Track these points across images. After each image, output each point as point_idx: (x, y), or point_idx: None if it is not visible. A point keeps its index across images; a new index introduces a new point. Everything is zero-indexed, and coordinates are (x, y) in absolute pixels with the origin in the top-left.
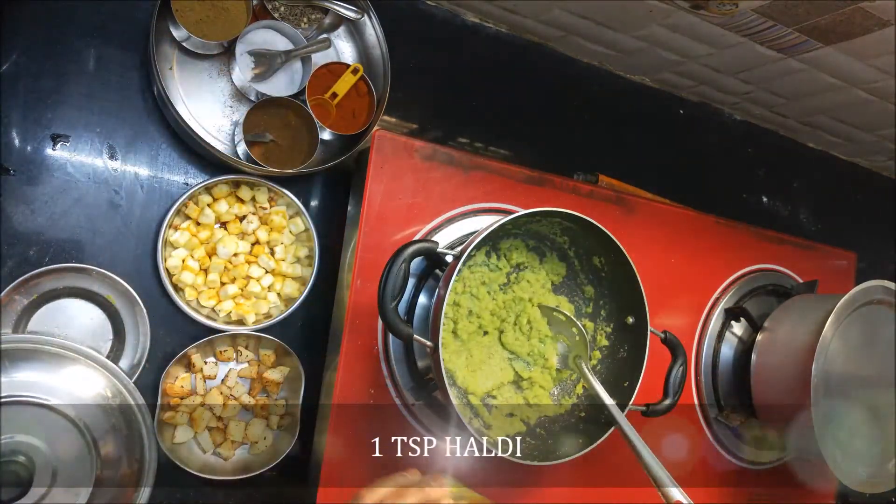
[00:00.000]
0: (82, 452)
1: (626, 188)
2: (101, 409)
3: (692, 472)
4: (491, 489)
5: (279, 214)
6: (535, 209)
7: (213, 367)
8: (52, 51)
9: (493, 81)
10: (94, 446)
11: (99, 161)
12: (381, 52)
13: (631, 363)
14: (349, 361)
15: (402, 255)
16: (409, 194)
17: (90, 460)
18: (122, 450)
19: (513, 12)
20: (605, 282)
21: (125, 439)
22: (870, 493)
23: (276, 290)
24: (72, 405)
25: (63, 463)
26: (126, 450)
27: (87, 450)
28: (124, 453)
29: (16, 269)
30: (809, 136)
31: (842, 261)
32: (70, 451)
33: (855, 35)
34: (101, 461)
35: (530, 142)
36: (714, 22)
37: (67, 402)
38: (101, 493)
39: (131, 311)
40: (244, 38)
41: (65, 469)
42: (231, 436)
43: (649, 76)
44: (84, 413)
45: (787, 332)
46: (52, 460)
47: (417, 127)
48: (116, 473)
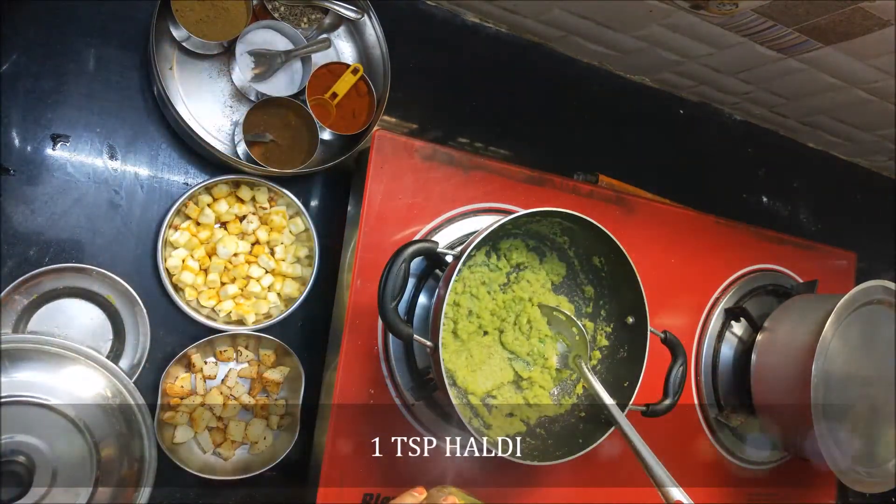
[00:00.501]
0: (82, 452)
1: (626, 188)
2: (101, 410)
3: (692, 472)
4: (491, 489)
5: (279, 214)
6: (535, 209)
7: (213, 367)
8: (52, 51)
9: (493, 81)
10: (94, 446)
11: (99, 161)
12: (381, 52)
13: (631, 363)
14: (349, 361)
15: (402, 256)
16: (409, 194)
17: (90, 460)
18: (122, 450)
19: (513, 12)
20: (605, 282)
21: (125, 439)
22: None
23: (276, 290)
24: (72, 405)
25: (63, 463)
26: (126, 450)
27: (87, 450)
28: (124, 453)
29: (16, 269)
30: (809, 136)
31: (842, 261)
32: (70, 451)
33: (855, 35)
34: (101, 461)
35: (530, 142)
36: (714, 22)
37: (67, 402)
38: (101, 493)
39: (131, 311)
40: (244, 38)
41: (65, 469)
42: (231, 436)
43: (649, 76)
44: (84, 413)
45: (787, 332)
46: (52, 460)
47: (417, 127)
48: (116, 473)
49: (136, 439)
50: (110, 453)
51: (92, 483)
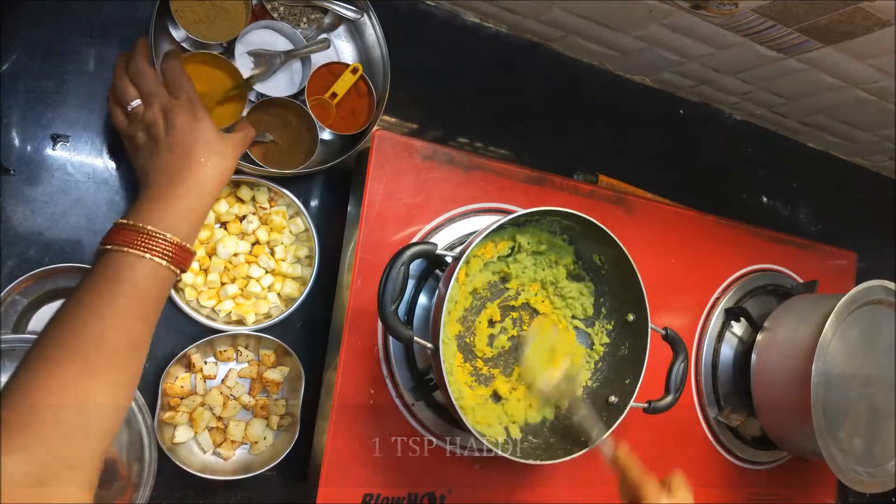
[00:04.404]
0: None
1: (626, 188)
2: None
3: (692, 472)
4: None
5: (279, 214)
6: (535, 209)
7: (213, 367)
8: (52, 51)
9: (493, 81)
10: None
11: (99, 161)
12: (381, 52)
13: (632, 360)
14: (349, 361)
15: (402, 258)
16: (409, 194)
17: None
18: (122, 450)
19: (513, 12)
20: (605, 279)
21: (125, 439)
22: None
23: (276, 290)
24: None
25: None
26: (126, 450)
27: None
28: (124, 453)
29: (16, 269)
30: (809, 136)
31: (842, 261)
32: None
33: (855, 35)
34: None
35: (530, 142)
36: (714, 22)
37: None
38: (100, 493)
39: None
40: (243, 39)
41: None
42: (231, 436)
43: (649, 76)
44: None
45: (787, 332)
46: None
47: (417, 127)
48: (116, 473)
49: (136, 439)
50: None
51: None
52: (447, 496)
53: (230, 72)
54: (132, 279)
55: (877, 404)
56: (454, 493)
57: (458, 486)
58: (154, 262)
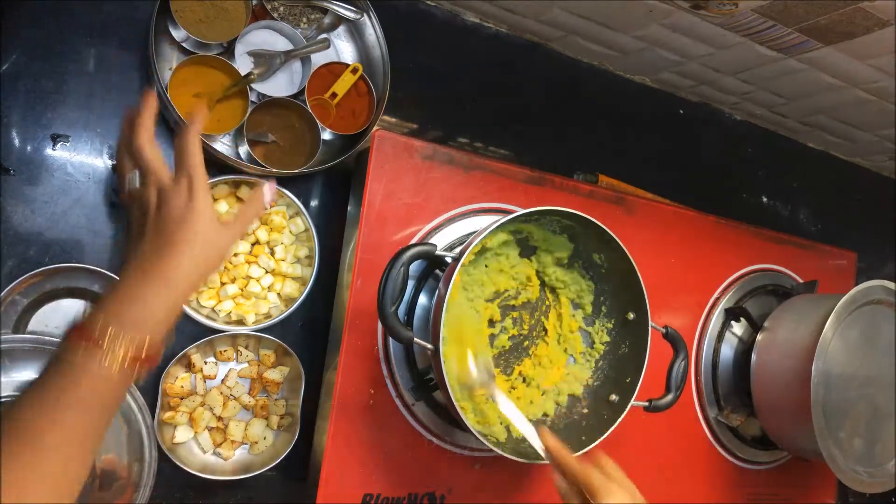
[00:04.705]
0: None
1: (626, 188)
2: None
3: (692, 472)
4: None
5: (279, 214)
6: (534, 208)
7: (213, 367)
8: (52, 51)
9: (493, 81)
10: None
11: (99, 161)
12: (381, 52)
13: (632, 359)
14: (349, 361)
15: (401, 260)
16: (409, 194)
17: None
18: (122, 450)
19: (513, 12)
20: (605, 278)
21: (125, 439)
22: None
23: (276, 290)
24: None
25: None
26: (126, 450)
27: None
28: (124, 453)
29: (16, 269)
30: (809, 136)
31: (842, 261)
32: None
33: (855, 35)
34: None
35: (530, 142)
36: (714, 22)
37: None
38: (100, 494)
39: None
40: (243, 39)
41: None
42: (231, 436)
43: (649, 76)
44: None
45: (787, 332)
46: None
47: (417, 127)
48: (116, 473)
49: (136, 439)
50: (110, 453)
51: (91, 483)
52: (447, 496)
53: (230, 72)
54: (85, 381)
55: (877, 404)
56: (454, 493)
57: (458, 486)
58: (109, 364)
